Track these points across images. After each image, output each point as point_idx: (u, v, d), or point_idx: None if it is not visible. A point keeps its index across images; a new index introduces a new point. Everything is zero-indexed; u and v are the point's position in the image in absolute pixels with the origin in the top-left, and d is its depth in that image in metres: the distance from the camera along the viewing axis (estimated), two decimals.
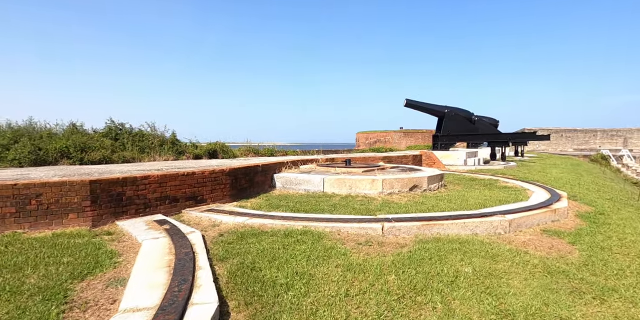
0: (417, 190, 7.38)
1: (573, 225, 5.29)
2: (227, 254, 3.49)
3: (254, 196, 6.84)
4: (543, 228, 4.99)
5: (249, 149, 11.86)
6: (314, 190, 7.24)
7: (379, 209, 5.55)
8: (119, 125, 10.35)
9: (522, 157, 22.29)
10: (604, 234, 4.80)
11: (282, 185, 7.69)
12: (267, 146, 12.43)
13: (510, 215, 4.90)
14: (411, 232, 4.39)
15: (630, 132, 39.38)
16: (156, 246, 3.71)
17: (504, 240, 4.31)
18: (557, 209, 5.55)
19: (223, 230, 4.51)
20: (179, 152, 10.13)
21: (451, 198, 6.62)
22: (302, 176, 7.45)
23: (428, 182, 7.53)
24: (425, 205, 5.87)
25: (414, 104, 16.28)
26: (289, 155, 12.99)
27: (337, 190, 7.09)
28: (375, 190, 6.98)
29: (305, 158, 10.43)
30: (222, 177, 6.27)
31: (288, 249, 3.57)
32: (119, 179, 4.95)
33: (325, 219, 4.73)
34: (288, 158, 10.36)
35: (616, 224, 5.44)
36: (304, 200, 6.38)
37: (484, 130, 17.73)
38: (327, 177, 7.18)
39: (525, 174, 11.40)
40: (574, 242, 4.37)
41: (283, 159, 9.35)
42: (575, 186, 9.30)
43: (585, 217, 5.81)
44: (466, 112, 16.94)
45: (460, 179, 10.04)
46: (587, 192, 8.46)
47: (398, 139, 46.14)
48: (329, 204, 5.98)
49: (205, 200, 5.99)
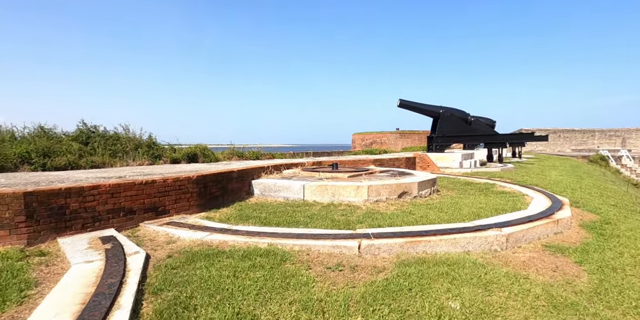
0: (407, 197, 6.78)
1: (578, 238, 4.69)
2: (164, 284, 2.87)
3: (227, 205, 6.22)
4: (545, 243, 4.39)
5: (233, 152, 11.23)
6: (293, 198, 6.62)
7: (361, 221, 4.94)
8: (92, 128, 9.71)
9: (519, 158, 21.73)
10: (614, 250, 4.21)
11: (261, 193, 7.07)
12: (253, 149, 11.79)
13: (508, 229, 4.30)
14: (393, 251, 3.78)
15: (629, 132, 38.93)
16: (82, 274, 3.09)
17: (501, 259, 3.70)
18: (559, 220, 4.95)
19: (175, 249, 3.89)
20: (155, 156, 9.49)
21: (443, 206, 6.02)
22: (281, 182, 6.84)
23: (419, 188, 6.93)
24: (413, 216, 5.26)
25: (408, 104, 15.70)
26: (276, 158, 12.37)
27: (319, 197, 6.47)
28: (360, 198, 6.37)
29: (291, 162, 9.82)
30: (188, 185, 5.64)
31: (239, 277, 2.95)
32: (62, 189, 4.32)
33: (296, 235, 4.11)
34: (272, 162, 9.74)
35: (626, 236, 4.85)
36: (280, 210, 5.76)
37: (480, 131, 17.16)
38: (307, 184, 6.57)
39: (523, 177, 10.82)
40: (581, 261, 3.77)
41: (265, 163, 8.74)
42: (577, 190, 8.71)
43: (591, 228, 5.21)
44: (462, 112, 16.37)
45: (455, 183, 9.45)
46: (590, 198, 7.87)
47: (394, 140, 45.62)
48: (307, 215, 5.37)
49: (167, 212, 5.36)
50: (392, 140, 45.95)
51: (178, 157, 9.65)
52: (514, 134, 17.85)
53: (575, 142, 39.73)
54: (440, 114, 15.71)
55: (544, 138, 19.76)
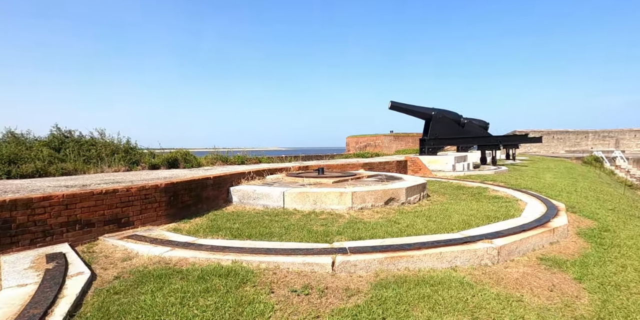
0: (394, 203, 6.38)
1: (576, 248, 4.31)
2: (97, 315, 2.44)
3: (200, 215, 5.79)
4: (540, 255, 4.01)
5: (217, 156, 10.78)
6: (273, 206, 6.21)
7: (341, 232, 4.53)
8: (66, 133, 9.26)
9: (513, 160, 21.46)
10: (615, 263, 3.83)
11: (239, 200, 6.65)
12: (238, 153, 11.35)
13: (500, 240, 3.91)
14: (371, 268, 3.37)
15: (622, 133, 38.91)
16: (8, 301, 2.65)
17: (491, 277, 3.30)
18: (555, 229, 4.57)
19: (128, 268, 3.46)
20: (132, 162, 9.03)
21: (431, 214, 5.63)
22: (260, 189, 6.42)
23: (407, 194, 6.53)
24: (398, 225, 4.86)
25: (399, 106, 15.36)
26: (262, 163, 11.95)
27: (300, 205, 6.06)
28: (343, 205, 5.97)
29: (277, 167, 9.41)
30: (156, 194, 5.21)
31: (186, 304, 2.53)
32: (6, 201, 3.88)
33: (264, 250, 3.69)
34: (256, 167, 9.33)
35: (627, 245, 4.48)
36: (256, 219, 5.35)
37: (474, 133, 16.85)
38: (288, 191, 6.16)
39: (517, 180, 10.48)
40: (580, 277, 3.38)
41: (249, 168, 8.32)
42: (572, 194, 8.37)
43: (589, 236, 4.84)
44: (454, 114, 16.05)
45: (446, 187, 9.07)
46: (586, 202, 7.52)
47: (388, 143, 45.35)
48: (283, 225, 4.95)
49: (131, 224, 4.93)
50: (387, 143, 45.69)
51: (157, 162, 9.20)
52: (508, 136, 17.56)
53: (569, 144, 39.65)
54: (432, 116, 15.38)
55: (537, 140, 19.48)
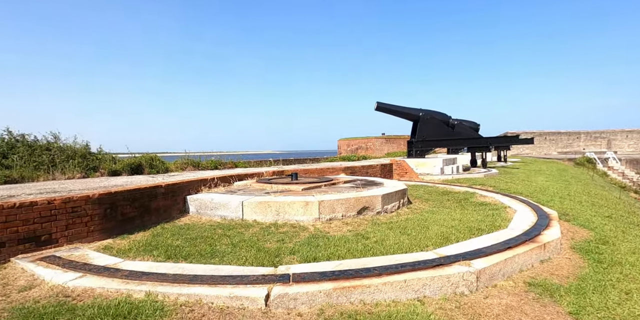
0: (368, 212, 5.71)
1: (570, 268, 3.66)
2: None
3: (146, 228, 5.08)
4: (529, 277, 3.35)
5: (188, 161, 10.05)
6: (231, 217, 5.51)
7: (296, 250, 3.85)
8: (18, 137, 8.50)
9: (505, 162, 20.91)
10: (618, 287, 3.18)
11: (196, 211, 5.94)
12: (212, 157, 10.62)
13: (481, 261, 3.25)
14: (316, 302, 2.69)
15: (614, 133, 38.68)
16: None
17: (467, 312, 2.63)
18: (547, 244, 3.92)
19: (21, 300, 2.75)
20: (90, 168, 8.29)
21: (408, 225, 4.96)
22: (219, 198, 5.72)
23: (383, 202, 5.87)
24: (365, 241, 4.19)
25: (386, 107, 14.74)
26: (238, 167, 11.23)
27: (261, 216, 5.37)
28: (309, 216, 5.28)
29: (250, 172, 8.72)
30: (86, 206, 4.49)
31: None
32: None
33: (190, 278, 2.99)
34: (227, 172, 8.62)
35: (629, 262, 3.83)
36: (205, 234, 4.64)
37: (464, 135, 16.27)
38: (248, 200, 5.46)
39: (507, 184, 9.86)
40: (577, 311, 2.72)
41: (211, 175, 7.61)
42: (566, 199, 7.75)
43: (586, 251, 4.19)
44: (442, 115, 15.46)
45: (431, 192, 8.43)
46: (581, 208, 6.90)
47: (380, 145, 44.81)
48: (233, 242, 4.26)
49: (55, 241, 4.20)
50: (378, 146, 45.14)
51: (118, 168, 8.45)
52: (498, 137, 17.00)
53: (561, 145, 39.34)
54: (420, 117, 14.77)
55: (529, 141, 18.95)
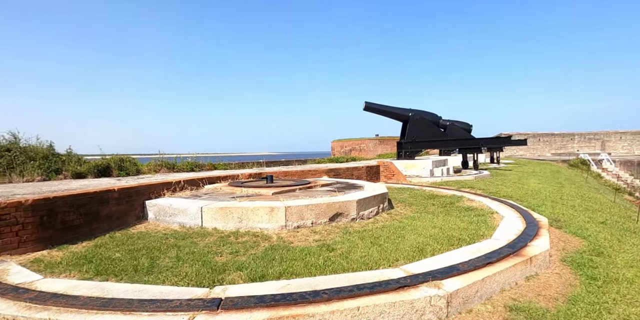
0: (342, 219, 5.21)
1: (560, 286, 3.18)
2: None
3: (93, 237, 4.56)
4: (511, 300, 2.86)
5: (162, 163, 9.51)
6: (190, 225, 4.99)
7: (246, 266, 3.34)
8: None
9: (498, 163, 20.53)
10: (615, 312, 2.70)
11: (155, 217, 5.42)
12: (188, 159, 10.07)
13: (454, 281, 2.75)
14: None
15: (608, 135, 38.49)
16: None
17: None
18: (534, 257, 3.44)
19: None
20: (52, 170, 7.74)
21: (382, 234, 4.48)
22: (178, 204, 5.20)
23: (359, 207, 5.37)
24: (329, 254, 3.69)
25: (374, 107, 14.27)
26: (217, 169, 10.70)
27: (221, 224, 4.86)
28: (275, 224, 4.78)
29: (225, 174, 8.21)
30: (17, 213, 3.96)
31: None
32: None
33: (100, 304, 2.47)
34: (200, 175, 8.12)
35: (627, 279, 3.36)
36: (153, 245, 4.13)
37: (456, 136, 15.83)
38: (208, 206, 4.95)
39: (497, 187, 9.40)
40: None
41: (179, 177, 7.09)
42: (557, 203, 7.30)
43: (578, 265, 3.72)
44: (432, 115, 15.01)
45: (417, 196, 7.95)
46: (574, 213, 6.44)
47: (373, 146, 44.41)
48: (180, 254, 3.75)
49: None
50: (372, 147, 44.75)
51: (83, 170, 7.90)
52: (490, 138, 16.54)
53: (555, 146, 39.09)
54: (410, 117, 14.31)
55: (522, 142, 18.55)
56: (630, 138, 38.01)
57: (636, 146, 37.96)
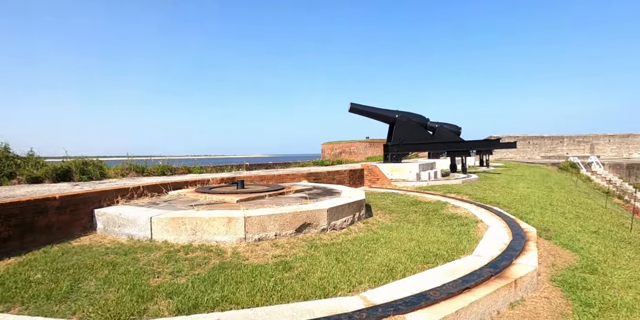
0: (311, 230, 4.71)
1: (549, 316, 2.70)
2: None
3: (25, 252, 3.99)
4: None
5: (130, 166, 8.92)
6: (138, 237, 4.45)
7: (183, 290, 2.82)
8: None
9: (487, 167, 20.21)
10: None
11: (104, 227, 4.86)
12: (159, 162, 9.49)
13: (420, 317, 2.26)
14: None
15: (597, 138, 38.57)
16: None
17: None
18: (519, 280, 2.96)
19: None
20: (4, 174, 7.14)
21: (351, 249, 3.98)
22: (127, 213, 4.65)
23: (330, 217, 4.87)
24: (285, 274, 3.19)
25: (360, 108, 13.80)
26: (192, 173, 10.14)
27: (173, 236, 4.32)
28: (233, 236, 4.26)
29: (195, 178, 7.67)
30: None
31: None
32: None
33: None
34: (167, 179, 7.57)
35: (627, 305, 2.90)
36: (85, 262, 3.58)
37: (443, 138, 15.43)
38: (159, 216, 4.41)
39: (485, 192, 8.98)
40: None
41: (142, 183, 6.54)
42: (547, 210, 6.88)
43: (569, 286, 3.25)
44: (420, 117, 14.57)
45: (399, 202, 7.48)
46: (564, 221, 6.01)
47: (364, 149, 44.04)
48: (111, 275, 3.21)
49: None
50: (362, 149, 44.37)
51: (39, 175, 7.30)
52: (479, 141, 16.20)
53: (545, 149, 39.07)
54: (396, 119, 13.85)
55: (512, 145, 18.27)
56: (619, 141, 38.13)
57: (624, 149, 38.10)
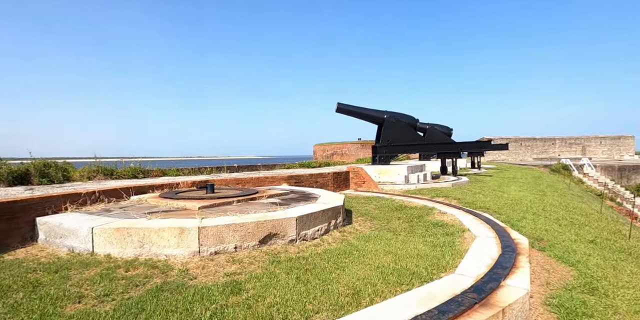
0: (277, 241, 4.19)
1: None
2: None
3: None
4: None
5: (98, 168, 8.32)
6: (79, 250, 3.90)
7: (101, 316, 2.30)
8: None
9: (478, 169, 19.83)
10: None
11: (46, 238, 4.30)
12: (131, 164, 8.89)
13: None
14: None
15: (588, 140, 38.52)
16: None
17: None
18: (507, 309, 2.47)
19: None
20: None
21: (317, 265, 3.47)
22: (69, 222, 4.10)
23: (299, 226, 4.36)
24: (234, 299, 2.67)
25: (347, 108, 13.32)
26: (167, 175, 9.57)
27: (118, 249, 3.78)
28: (185, 249, 3.73)
29: (166, 182, 7.12)
30: None
31: None
32: None
33: None
34: (134, 183, 7.02)
35: None
36: (4, 282, 3.03)
37: (434, 140, 14.99)
38: (102, 226, 3.87)
39: (475, 195, 8.53)
40: None
41: (98, 187, 5.98)
42: (540, 216, 6.43)
43: (567, 312, 2.77)
44: (409, 117, 14.12)
45: (383, 207, 6.99)
46: (558, 229, 5.57)
47: (355, 150, 43.60)
48: (22, 300, 2.67)
49: None
50: (354, 151, 43.94)
51: None
52: (470, 143, 15.77)
53: (537, 151, 38.92)
54: (385, 119, 13.39)
55: (503, 147, 17.90)
56: (610, 143, 38.11)
57: (616, 151, 38.08)
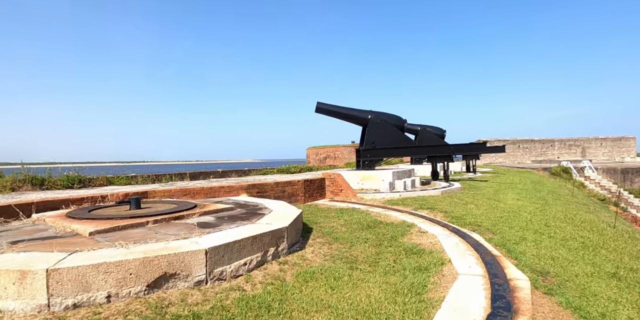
0: (177, 284, 2.97)
1: None
2: None
3: None
4: None
5: (26, 177, 7.09)
6: None
7: None
8: None
9: (474, 173, 18.62)
10: None
11: None
12: (69, 171, 7.66)
13: None
14: None
15: (588, 141, 37.43)
16: None
17: None
18: None
19: None
20: None
21: None
22: None
23: (213, 261, 3.13)
24: None
25: (328, 108, 12.09)
26: (114, 184, 8.33)
27: None
28: (29, 301, 2.52)
29: (99, 193, 5.92)
30: None
31: None
32: None
33: None
34: (40, 196, 5.80)
35: None
36: None
37: (423, 142, 13.81)
38: None
39: (465, 206, 7.33)
40: None
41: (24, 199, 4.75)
42: (543, 235, 5.23)
43: None
44: (396, 118, 12.89)
45: (353, 223, 5.77)
46: (568, 256, 4.35)
47: (348, 154, 42.47)
48: None
49: None
50: (346, 154, 42.80)
51: None
52: (464, 145, 14.55)
53: (535, 153, 37.79)
54: (369, 120, 12.17)
55: (500, 149, 16.71)
56: (611, 144, 37.03)
57: (617, 153, 37.00)
